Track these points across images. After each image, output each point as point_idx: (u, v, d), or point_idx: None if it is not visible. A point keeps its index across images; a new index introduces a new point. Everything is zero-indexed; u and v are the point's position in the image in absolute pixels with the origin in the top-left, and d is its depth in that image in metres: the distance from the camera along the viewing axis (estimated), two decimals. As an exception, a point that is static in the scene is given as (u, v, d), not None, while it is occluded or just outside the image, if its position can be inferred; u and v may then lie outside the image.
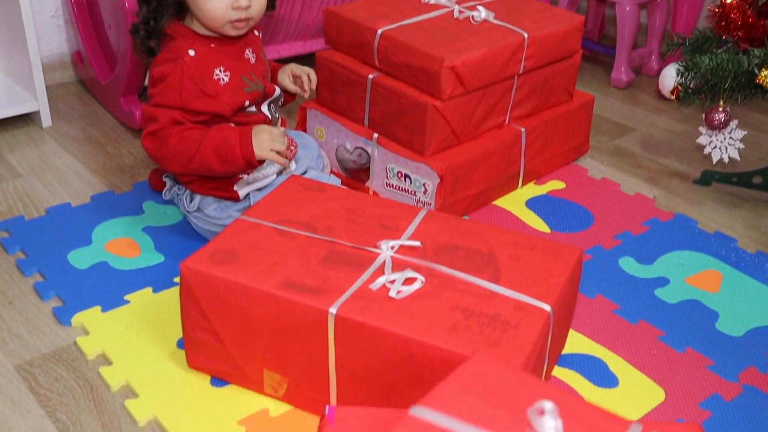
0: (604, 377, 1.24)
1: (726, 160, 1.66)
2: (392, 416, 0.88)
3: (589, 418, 0.80)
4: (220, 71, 1.38)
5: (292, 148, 1.39)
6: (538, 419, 0.75)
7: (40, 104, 1.91)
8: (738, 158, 1.66)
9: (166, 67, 1.35)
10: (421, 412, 0.78)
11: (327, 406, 0.89)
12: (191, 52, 1.36)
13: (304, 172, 1.50)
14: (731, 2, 1.60)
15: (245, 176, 1.43)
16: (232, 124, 1.40)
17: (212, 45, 1.39)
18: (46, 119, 1.93)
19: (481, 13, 1.65)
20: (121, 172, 1.76)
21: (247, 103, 1.43)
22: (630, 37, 2.22)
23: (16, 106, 1.89)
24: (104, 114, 2.02)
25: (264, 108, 1.49)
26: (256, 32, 1.50)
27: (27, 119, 1.95)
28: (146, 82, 1.62)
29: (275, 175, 1.46)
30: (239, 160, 1.33)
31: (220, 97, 1.37)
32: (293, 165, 1.49)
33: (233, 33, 1.38)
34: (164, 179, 1.53)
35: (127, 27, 1.72)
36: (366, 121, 1.64)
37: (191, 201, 1.46)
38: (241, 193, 1.44)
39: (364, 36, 1.61)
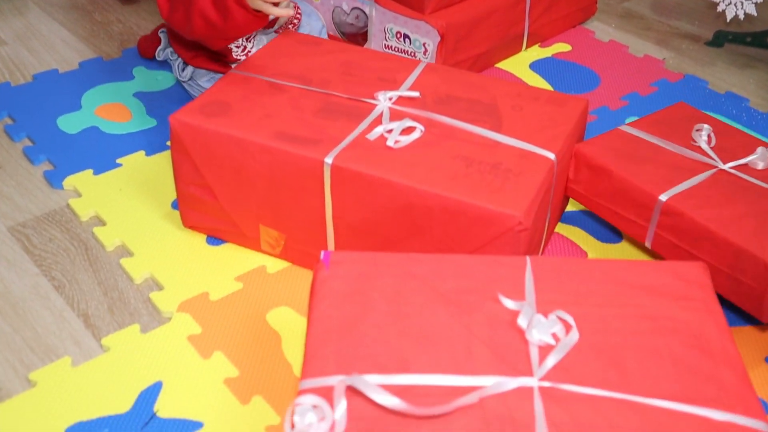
0: (608, 233, 1.22)
1: (741, 16, 1.58)
2: (389, 259, 0.86)
3: None
4: None
5: (298, 16, 1.29)
6: None
7: (22, -29, 1.82)
8: (755, 14, 1.58)
9: None
10: None
11: (322, 251, 0.87)
12: None
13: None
14: None
15: (242, 57, 1.35)
16: None
17: None
18: (29, -13, 1.85)
19: None
20: (109, 39, 1.69)
21: None
22: None
23: (-3, -28, 1.81)
24: (89, -21, 1.93)
25: None
26: None
27: (8, -13, 1.87)
28: None
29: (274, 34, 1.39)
30: (233, 7, 1.18)
31: None
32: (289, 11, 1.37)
33: None
34: (159, 34, 1.45)
35: None
36: (363, -21, 1.56)
37: (183, 70, 1.40)
38: (239, 56, 1.36)
39: None
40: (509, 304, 0.79)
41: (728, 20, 1.63)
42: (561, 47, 1.69)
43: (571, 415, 0.67)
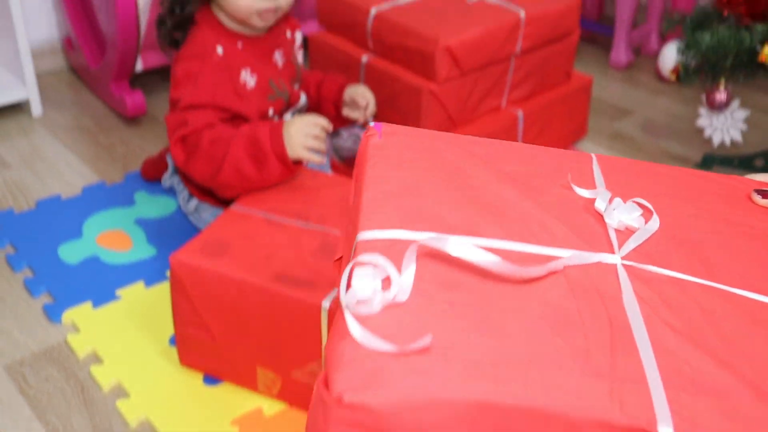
0: None
1: (728, 142, 1.63)
2: (447, 137, 0.73)
3: None
4: (247, 73, 1.29)
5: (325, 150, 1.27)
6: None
7: (30, 93, 1.87)
8: (740, 140, 1.63)
9: (192, 64, 1.25)
10: None
11: (372, 122, 0.80)
12: (219, 50, 1.27)
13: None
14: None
15: None
16: None
17: (239, 44, 1.31)
18: (36, 108, 1.90)
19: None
20: (112, 162, 1.73)
21: (270, 111, 1.34)
22: (629, 16, 2.18)
23: (6, 94, 1.86)
24: (95, 101, 1.99)
25: (287, 117, 1.41)
26: (288, 33, 1.42)
27: (17, 108, 1.92)
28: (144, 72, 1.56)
29: None
30: (271, 158, 1.18)
31: (247, 99, 1.29)
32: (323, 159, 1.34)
33: (260, 24, 1.30)
34: (167, 159, 1.48)
35: (116, 10, 1.69)
36: (360, 107, 1.60)
37: (188, 201, 1.43)
38: None
39: (357, 16, 1.58)
40: (582, 192, 0.71)
41: (715, 146, 1.67)
42: (554, 169, 1.73)
43: (658, 293, 0.62)
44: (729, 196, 0.78)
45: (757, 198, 0.77)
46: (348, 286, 0.53)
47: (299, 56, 1.46)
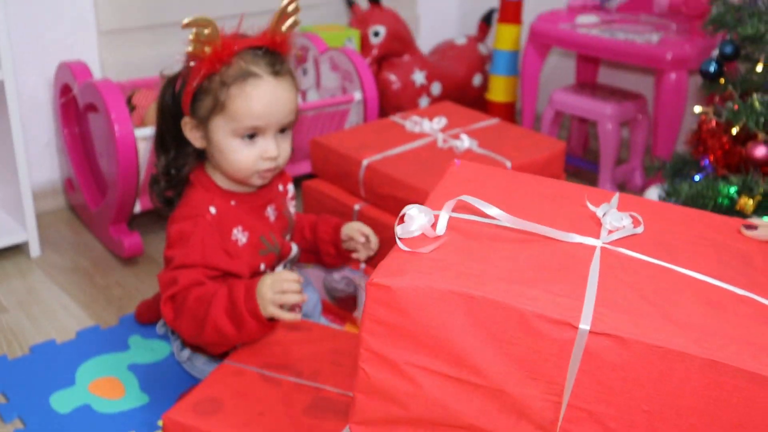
0: None
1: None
2: (506, 171, 1.15)
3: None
4: (239, 231, 1.32)
5: (304, 297, 1.25)
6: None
7: (30, 235, 1.91)
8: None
9: (185, 225, 1.28)
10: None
11: (456, 159, 1.16)
12: (212, 210, 1.30)
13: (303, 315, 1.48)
14: (707, 129, 1.64)
15: None
16: None
17: (233, 202, 1.34)
18: (35, 249, 1.93)
19: (464, 142, 1.68)
20: (108, 305, 1.75)
21: (262, 266, 1.36)
22: (612, 154, 2.26)
23: (5, 237, 1.90)
24: (94, 242, 2.03)
25: (279, 269, 1.43)
26: (281, 186, 1.46)
27: (15, 249, 1.96)
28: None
29: None
30: (246, 317, 1.19)
31: (238, 257, 1.31)
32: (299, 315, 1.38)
33: (258, 183, 1.34)
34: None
35: (117, 156, 1.75)
36: (353, 252, 1.65)
37: (181, 351, 1.44)
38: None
39: (350, 167, 1.64)
40: (593, 207, 1.03)
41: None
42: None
43: (621, 263, 0.91)
44: (719, 225, 1.06)
45: (744, 230, 1.04)
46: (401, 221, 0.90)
47: (291, 207, 1.50)
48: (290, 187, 1.49)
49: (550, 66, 2.77)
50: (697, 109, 1.64)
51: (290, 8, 1.27)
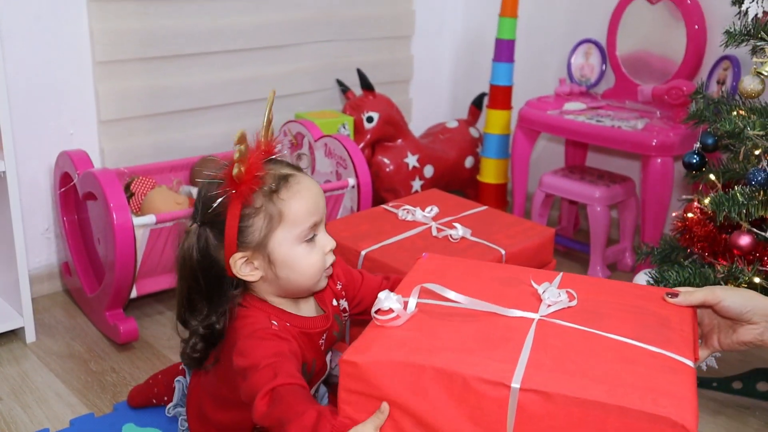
0: None
1: (704, 367, 1.68)
2: (470, 262, 1.34)
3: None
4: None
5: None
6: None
7: (26, 321, 1.92)
8: (715, 366, 1.68)
9: (255, 335, 1.19)
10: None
11: (424, 253, 1.35)
12: (274, 323, 1.22)
13: None
14: (693, 217, 1.68)
15: None
16: None
17: (288, 324, 1.25)
18: (30, 335, 1.94)
19: (459, 231, 1.72)
20: (102, 392, 1.75)
21: None
22: (602, 236, 2.30)
23: (1, 323, 1.91)
24: (89, 326, 2.04)
25: (311, 391, 1.35)
26: (336, 284, 1.38)
27: (10, 335, 1.96)
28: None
29: None
30: None
31: None
32: None
33: (325, 284, 1.29)
34: (175, 383, 1.49)
35: (115, 242, 1.77)
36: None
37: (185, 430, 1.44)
38: None
39: (348, 257, 1.67)
40: (536, 286, 1.22)
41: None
42: (537, 394, 1.76)
43: (554, 332, 1.10)
44: (645, 294, 1.25)
45: (667, 297, 1.21)
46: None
47: (342, 324, 1.40)
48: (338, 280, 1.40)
49: (539, 149, 2.84)
50: (683, 197, 1.68)
51: (271, 119, 1.26)
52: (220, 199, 1.18)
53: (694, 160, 1.65)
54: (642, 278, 1.74)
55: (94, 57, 2.11)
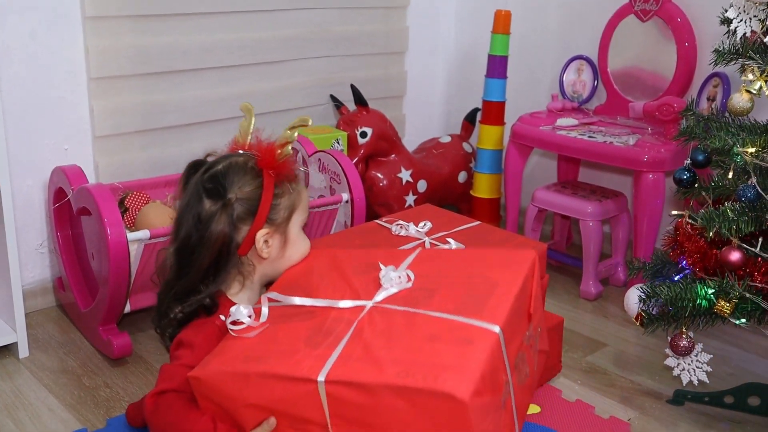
0: None
1: (696, 382, 1.69)
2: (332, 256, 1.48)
3: None
4: None
5: None
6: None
7: (19, 336, 1.92)
8: (707, 381, 1.69)
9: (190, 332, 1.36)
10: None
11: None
12: (222, 317, 1.36)
13: None
14: (683, 232, 1.69)
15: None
16: None
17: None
18: (23, 350, 1.94)
19: (452, 245, 1.73)
20: (95, 407, 1.75)
21: None
22: (595, 251, 2.32)
23: (-6, 338, 1.91)
24: (82, 341, 2.04)
25: None
26: None
27: (4, 350, 1.96)
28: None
29: None
30: None
31: None
32: None
33: None
34: None
35: (108, 258, 1.78)
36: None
37: None
38: None
39: None
40: (383, 267, 1.33)
41: (684, 384, 1.73)
42: (530, 408, 1.77)
43: (379, 318, 1.23)
44: (493, 260, 1.38)
45: None
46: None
47: None
48: None
49: (532, 164, 2.86)
50: (674, 212, 1.70)
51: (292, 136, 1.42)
52: (251, 178, 1.37)
53: (685, 176, 1.67)
54: (633, 294, 1.75)
55: (89, 73, 2.12)
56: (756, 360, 2.02)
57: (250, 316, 1.29)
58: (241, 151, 1.43)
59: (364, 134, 2.55)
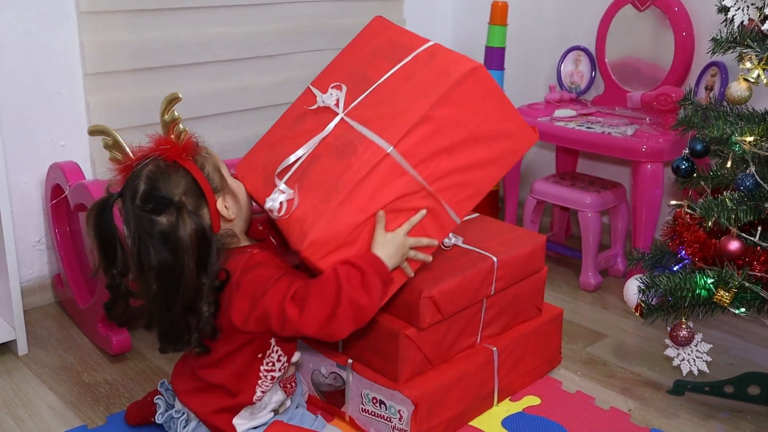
0: None
1: (696, 372, 1.69)
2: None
3: None
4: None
5: (294, 384, 1.51)
6: None
7: (18, 333, 1.92)
8: (707, 371, 1.68)
9: (250, 274, 1.37)
10: None
11: None
12: (255, 251, 1.43)
13: (296, 407, 1.58)
14: (682, 222, 1.69)
15: (245, 411, 1.46)
16: None
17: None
18: (22, 347, 1.94)
19: (451, 239, 1.72)
20: (95, 404, 1.75)
21: None
22: (594, 242, 2.31)
23: (-7, 335, 1.91)
24: (81, 338, 2.03)
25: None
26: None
27: (3, 347, 1.96)
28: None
29: (272, 414, 1.50)
30: (376, 279, 1.35)
31: None
32: (288, 401, 1.55)
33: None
34: (156, 401, 1.56)
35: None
36: (340, 347, 1.67)
37: (185, 426, 1.47)
38: (239, 428, 1.45)
39: None
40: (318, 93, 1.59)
41: (684, 375, 1.73)
42: (531, 400, 1.77)
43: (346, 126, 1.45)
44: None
45: None
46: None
47: None
48: None
49: (530, 156, 2.85)
50: (672, 202, 1.69)
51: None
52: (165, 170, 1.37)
53: (683, 166, 1.67)
54: (634, 284, 1.74)
55: (85, 69, 2.11)
56: (756, 349, 2.02)
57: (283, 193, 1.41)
58: (140, 163, 1.38)
59: (361, 127, 2.54)
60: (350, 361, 1.63)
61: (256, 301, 1.34)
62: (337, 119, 1.47)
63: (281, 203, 1.40)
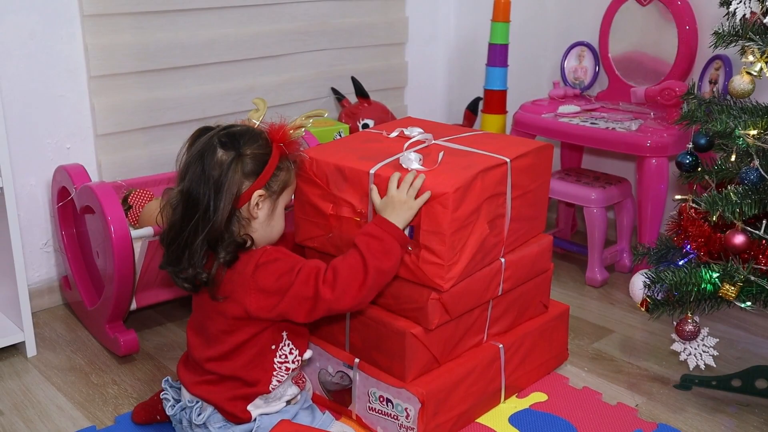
0: None
1: (702, 366, 1.69)
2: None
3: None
4: None
5: (304, 379, 1.53)
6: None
7: (26, 335, 1.93)
8: (714, 365, 1.68)
9: (269, 268, 1.42)
10: None
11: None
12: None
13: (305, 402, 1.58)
14: (687, 216, 1.68)
15: (259, 399, 1.48)
16: None
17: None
18: (31, 349, 1.95)
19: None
20: (104, 404, 1.75)
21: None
22: (600, 238, 2.31)
23: (2, 338, 1.91)
24: (89, 339, 2.04)
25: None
26: None
27: (11, 349, 1.97)
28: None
29: (285, 403, 1.52)
30: (394, 243, 1.44)
31: None
32: (300, 396, 1.56)
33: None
34: (163, 397, 1.57)
35: (113, 256, 1.78)
36: (347, 347, 1.67)
37: (200, 414, 1.49)
38: (253, 413, 1.47)
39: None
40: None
41: (691, 369, 1.73)
42: (538, 397, 1.77)
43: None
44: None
45: None
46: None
47: None
48: None
49: (535, 151, 2.84)
50: (677, 197, 1.69)
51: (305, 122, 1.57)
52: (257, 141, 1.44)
53: (687, 161, 1.66)
54: (639, 279, 1.74)
55: (90, 72, 2.12)
56: (762, 343, 2.01)
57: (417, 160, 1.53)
58: (256, 122, 1.56)
59: (366, 126, 2.54)
60: (357, 360, 1.64)
61: (285, 291, 1.41)
62: (429, 141, 1.68)
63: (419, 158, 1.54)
